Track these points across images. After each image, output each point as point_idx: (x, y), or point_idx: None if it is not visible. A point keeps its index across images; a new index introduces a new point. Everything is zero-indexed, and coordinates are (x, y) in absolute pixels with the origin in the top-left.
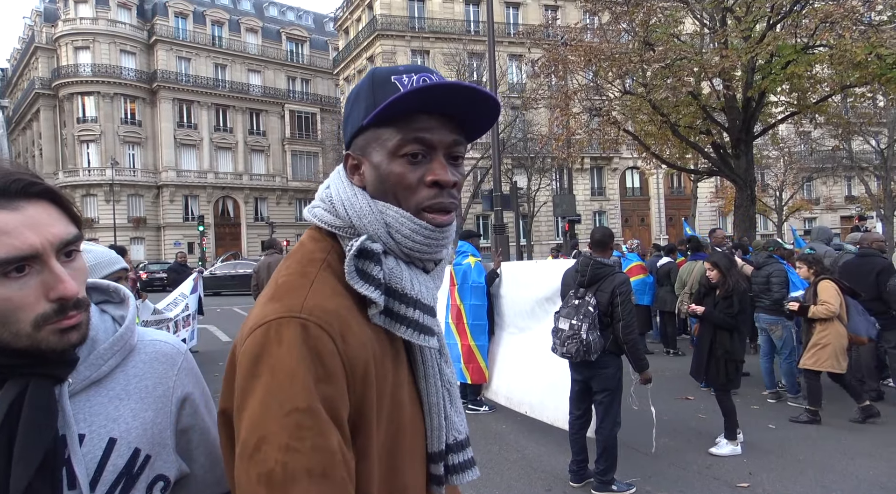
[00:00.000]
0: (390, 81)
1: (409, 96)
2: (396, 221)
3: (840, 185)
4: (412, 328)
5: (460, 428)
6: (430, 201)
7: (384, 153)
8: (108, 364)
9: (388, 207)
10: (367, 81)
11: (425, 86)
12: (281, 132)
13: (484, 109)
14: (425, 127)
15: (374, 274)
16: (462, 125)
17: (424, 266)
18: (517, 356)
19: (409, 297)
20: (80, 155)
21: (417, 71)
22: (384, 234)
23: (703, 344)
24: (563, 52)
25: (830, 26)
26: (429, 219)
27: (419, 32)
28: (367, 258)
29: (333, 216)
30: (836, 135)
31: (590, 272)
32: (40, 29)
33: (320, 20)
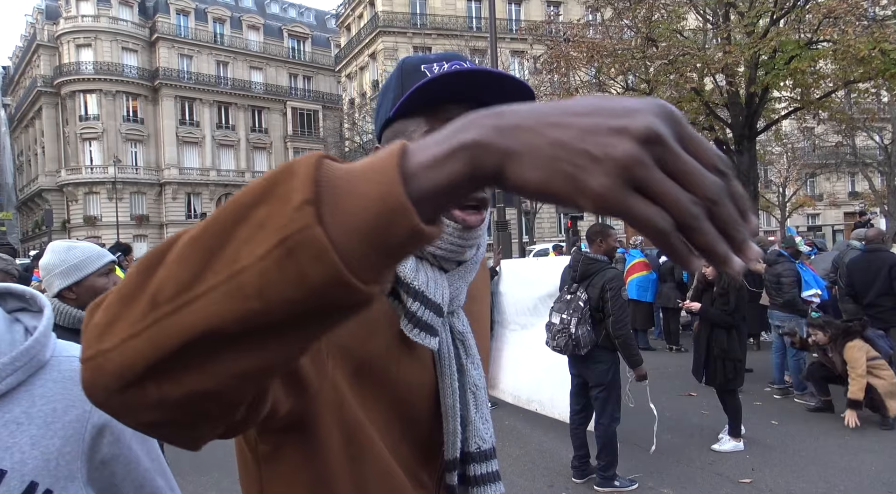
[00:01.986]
0: (419, 70)
1: (433, 84)
2: None
3: (843, 182)
4: (409, 320)
5: (485, 437)
6: None
7: None
8: (5, 381)
9: None
10: (397, 71)
11: (449, 73)
12: (283, 129)
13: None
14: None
15: None
16: None
17: (442, 265)
18: (521, 353)
19: (410, 287)
20: (83, 153)
21: (448, 58)
22: None
23: (700, 342)
24: (566, 48)
25: (834, 21)
26: (458, 218)
27: (421, 29)
28: None
29: None
30: (840, 131)
31: (581, 267)
32: (42, 27)
33: (322, 17)
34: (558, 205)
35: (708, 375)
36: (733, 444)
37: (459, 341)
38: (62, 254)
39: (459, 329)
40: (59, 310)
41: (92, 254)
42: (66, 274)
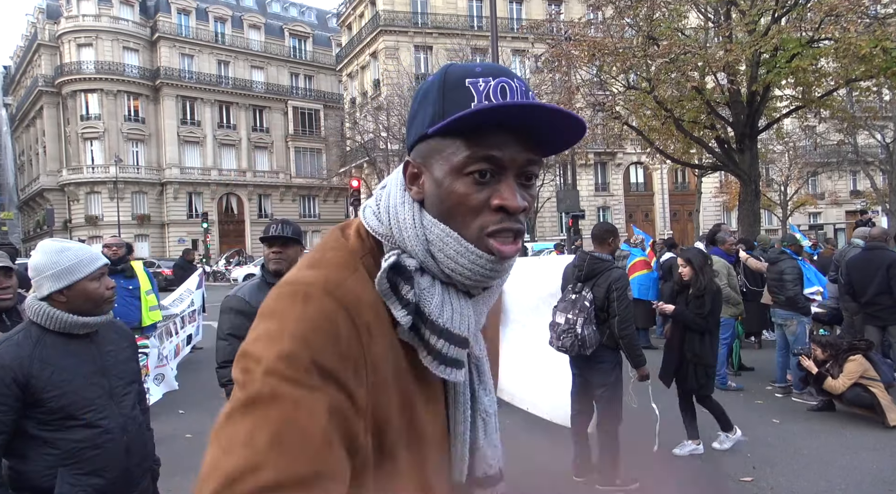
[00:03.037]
0: (463, 85)
1: (478, 114)
2: (440, 240)
3: (845, 180)
4: (434, 357)
5: (492, 462)
6: (494, 226)
7: (447, 168)
8: None
9: (434, 224)
10: (439, 81)
11: (497, 106)
12: (284, 129)
13: (567, 128)
14: (496, 143)
15: (402, 292)
16: (538, 140)
17: (469, 291)
18: (522, 353)
19: (435, 325)
20: (84, 152)
21: (496, 74)
22: (422, 252)
23: (672, 345)
24: (567, 47)
25: (835, 19)
26: (493, 247)
27: (422, 28)
28: (399, 274)
29: (378, 221)
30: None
31: (587, 267)
32: (43, 26)
33: (323, 16)
34: None
35: (678, 379)
36: (732, 440)
37: (475, 366)
38: (54, 256)
39: (476, 353)
40: (50, 315)
41: (84, 258)
42: (58, 278)
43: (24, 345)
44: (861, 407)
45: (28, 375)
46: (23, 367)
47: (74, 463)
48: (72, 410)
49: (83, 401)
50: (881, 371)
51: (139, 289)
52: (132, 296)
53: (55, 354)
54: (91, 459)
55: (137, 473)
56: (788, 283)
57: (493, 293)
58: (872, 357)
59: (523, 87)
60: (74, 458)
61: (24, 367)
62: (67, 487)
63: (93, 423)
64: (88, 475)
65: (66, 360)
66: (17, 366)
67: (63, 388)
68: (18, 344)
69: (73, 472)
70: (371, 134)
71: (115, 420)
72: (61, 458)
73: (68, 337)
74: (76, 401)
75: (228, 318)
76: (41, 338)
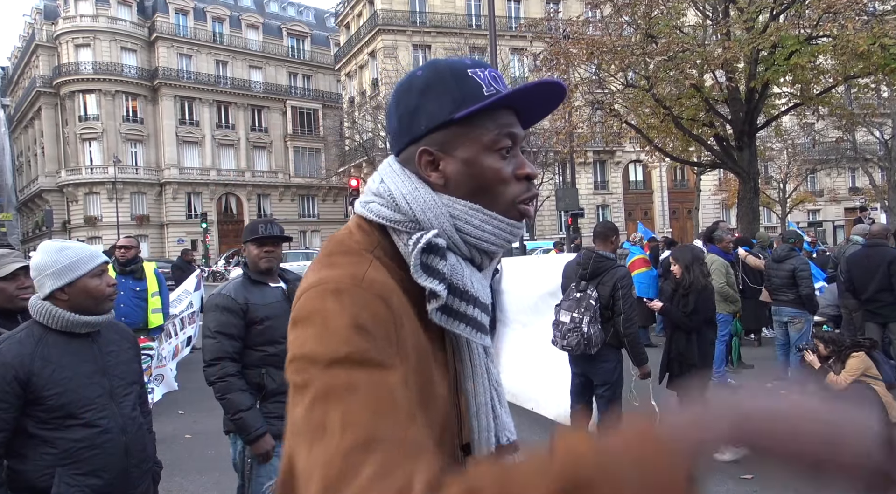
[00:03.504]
0: (468, 75)
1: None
2: (465, 213)
3: (844, 177)
4: (471, 325)
5: (511, 429)
6: (525, 194)
7: (478, 148)
8: None
9: (454, 201)
10: (447, 73)
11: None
12: (283, 128)
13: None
14: (510, 122)
15: (439, 267)
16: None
17: (480, 263)
18: (522, 352)
19: (469, 294)
20: (83, 153)
21: (482, 66)
22: (450, 228)
23: (666, 342)
24: (565, 45)
25: (833, 17)
26: (524, 211)
27: (420, 27)
28: (433, 253)
29: (393, 211)
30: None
31: (591, 265)
32: (41, 27)
33: (321, 16)
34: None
35: (671, 376)
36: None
37: None
38: (54, 255)
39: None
40: (52, 314)
41: (84, 255)
42: (59, 275)
43: (26, 343)
44: None
45: (29, 373)
46: (24, 365)
47: (73, 463)
48: (72, 409)
49: (83, 400)
50: (883, 370)
51: (147, 291)
52: (139, 298)
53: (57, 353)
54: (89, 459)
55: (136, 474)
56: (804, 281)
57: (494, 265)
58: (875, 356)
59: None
60: (73, 458)
61: (25, 365)
62: (65, 487)
63: (92, 423)
64: (86, 475)
65: (67, 359)
66: (18, 364)
67: (64, 386)
68: (20, 342)
69: (71, 472)
70: (370, 133)
71: (114, 420)
72: (59, 458)
73: (70, 336)
74: (76, 400)
75: (215, 316)
76: (43, 337)
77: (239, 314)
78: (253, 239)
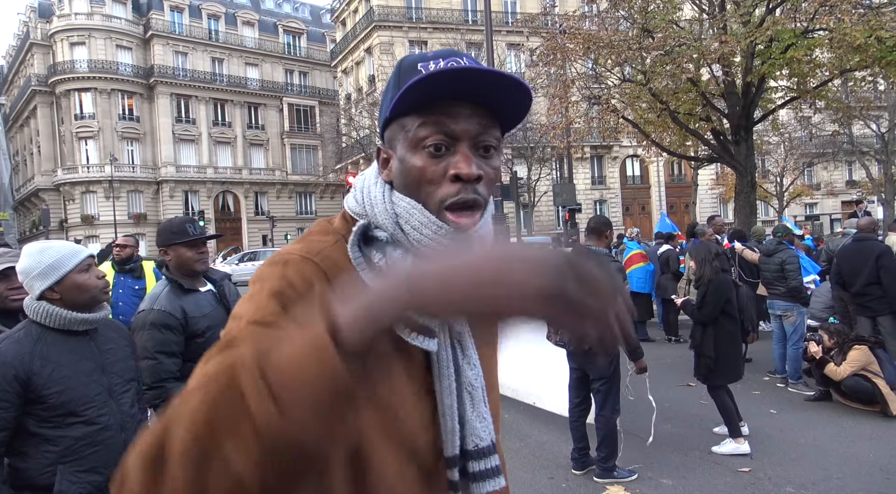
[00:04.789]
0: (416, 69)
1: (423, 82)
2: (406, 212)
3: (841, 170)
4: (406, 324)
5: (482, 435)
6: (452, 198)
7: (406, 145)
8: None
9: (401, 199)
10: (395, 71)
11: (436, 72)
12: (280, 126)
13: (515, 96)
14: (448, 113)
15: (374, 259)
16: (494, 112)
17: None
18: (519, 347)
19: None
20: (79, 151)
21: (446, 56)
22: (391, 224)
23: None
24: (562, 40)
25: (830, 10)
26: (448, 219)
27: (417, 23)
28: (369, 244)
29: (355, 202)
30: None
31: None
32: (35, 25)
33: (317, 12)
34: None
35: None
36: (733, 446)
37: (457, 341)
38: (37, 256)
39: (458, 329)
40: (49, 313)
41: (67, 252)
42: (45, 275)
43: (25, 343)
44: (859, 398)
45: (29, 372)
46: (24, 364)
47: (74, 460)
48: (72, 407)
49: (83, 398)
50: (885, 369)
51: (145, 290)
52: (136, 297)
53: (55, 351)
54: (90, 456)
55: None
56: (791, 273)
57: None
58: (879, 354)
59: (473, 64)
60: (74, 455)
61: (24, 364)
62: (67, 484)
63: (92, 420)
64: (87, 472)
65: (66, 357)
66: (18, 363)
67: (64, 384)
68: (19, 342)
69: (72, 469)
70: (367, 130)
71: (114, 417)
72: (61, 455)
73: (68, 334)
74: (76, 398)
75: (152, 334)
76: (41, 336)
77: (178, 329)
78: (184, 241)
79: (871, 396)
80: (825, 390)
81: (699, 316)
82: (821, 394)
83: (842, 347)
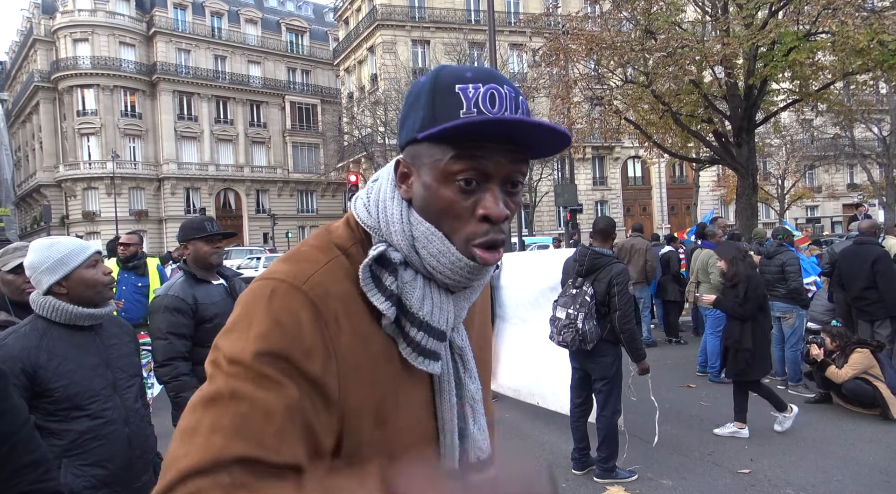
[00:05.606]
0: (453, 91)
1: (468, 127)
2: (425, 237)
3: (842, 173)
4: (412, 349)
5: (483, 447)
6: (481, 239)
7: (435, 173)
8: None
9: (420, 222)
10: (429, 85)
11: (487, 120)
12: (281, 124)
13: (554, 141)
14: (483, 151)
15: (387, 284)
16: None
17: (449, 287)
18: (522, 348)
19: (415, 317)
20: (81, 148)
21: (486, 80)
22: (407, 247)
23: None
24: (564, 40)
25: (832, 13)
26: (476, 255)
27: (419, 22)
28: (384, 266)
29: (367, 213)
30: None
31: (587, 261)
32: (38, 21)
33: (320, 10)
34: None
35: (727, 365)
36: (732, 429)
37: (458, 356)
38: (45, 251)
39: (459, 344)
40: (56, 307)
41: (75, 248)
42: (53, 270)
43: (31, 337)
44: (859, 401)
45: (36, 366)
46: (30, 358)
47: (78, 454)
48: (78, 400)
49: (88, 392)
50: (886, 373)
51: (148, 287)
52: (140, 294)
53: (61, 345)
54: (94, 450)
55: (139, 465)
56: (792, 275)
57: (474, 291)
58: (881, 358)
59: (512, 93)
60: (79, 449)
61: (31, 358)
62: (71, 477)
63: (97, 414)
64: (92, 466)
65: (71, 351)
66: (24, 357)
67: (69, 378)
68: (26, 336)
69: (76, 463)
70: (369, 128)
71: (118, 411)
72: (65, 449)
73: (73, 329)
74: (82, 392)
75: (165, 317)
76: (47, 331)
77: (189, 313)
78: (202, 236)
79: (872, 399)
80: (825, 392)
81: (742, 311)
82: (821, 397)
83: (843, 350)
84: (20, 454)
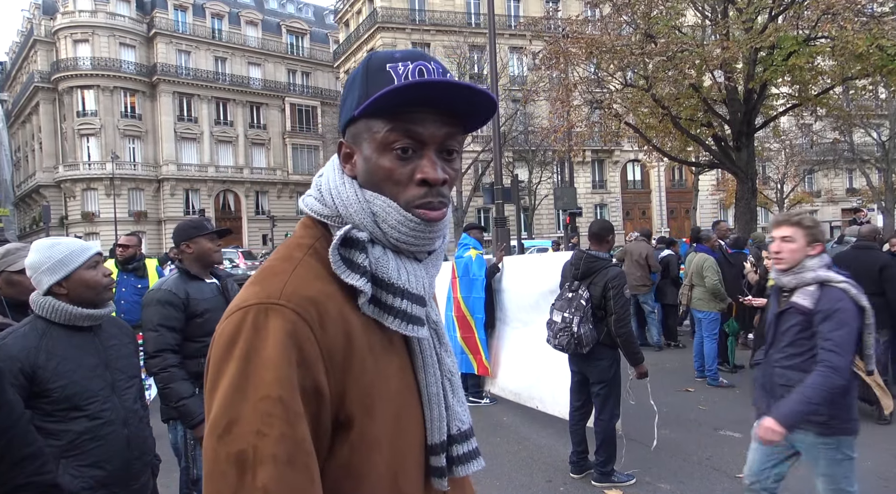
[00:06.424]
0: (384, 70)
1: (397, 92)
2: (383, 211)
3: (841, 178)
4: (400, 318)
5: (463, 418)
6: (419, 201)
7: (374, 146)
8: None
9: (375, 197)
10: (363, 68)
11: (413, 84)
12: (281, 125)
13: (481, 104)
14: (416, 120)
15: (359, 262)
16: (459, 116)
17: (416, 255)
18: (522, 350)
19: (395, 287)
20: (81, 149)
21: (414, 58)
22: (370, 223)
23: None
24: (564, 44)
25: (832, 17)
26: (419, 213)
27: (420, 25)
28: (353, 246)
29: (322, 205)
30: (838, 128)
31: (583, 265)
32: (39, 22)
33: (320, 13)
34: None
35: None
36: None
37: (433, 330)
38: (46, 251)
39: (434, 318)
40: (55, 308)
41: (76, 249)
42: (54, 271)
43: (31, 337)
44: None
45: (34, 366)
46: (29, 358)
47: (76, 455)
48: (76, 401)
49: (87, 393)
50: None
51: (148, 289)
52: (139, 295)
53: (61, 346)
54: (92, 451)
55: (137, 466)
56: None
57: (437, 257)
58: None
59: (440, 69)
60: (77, 449)
61: (30, 358)
62: (69, 478)
63: (95, 415)
64: (90, 466)
65: (71, 352)
66: (23, 357)
67: (68, 378)
68: (25, 336)
69: (74, 463)
70: None
71: (116, 412)
72: (63, 449)
73: (73, 329)
74: (80, 392)
75: (157, 310)
76: (47, 331)
77: (180, 307)
78: (204, 234)
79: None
80: None
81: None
82: None
83: None
84: (18, 447)
